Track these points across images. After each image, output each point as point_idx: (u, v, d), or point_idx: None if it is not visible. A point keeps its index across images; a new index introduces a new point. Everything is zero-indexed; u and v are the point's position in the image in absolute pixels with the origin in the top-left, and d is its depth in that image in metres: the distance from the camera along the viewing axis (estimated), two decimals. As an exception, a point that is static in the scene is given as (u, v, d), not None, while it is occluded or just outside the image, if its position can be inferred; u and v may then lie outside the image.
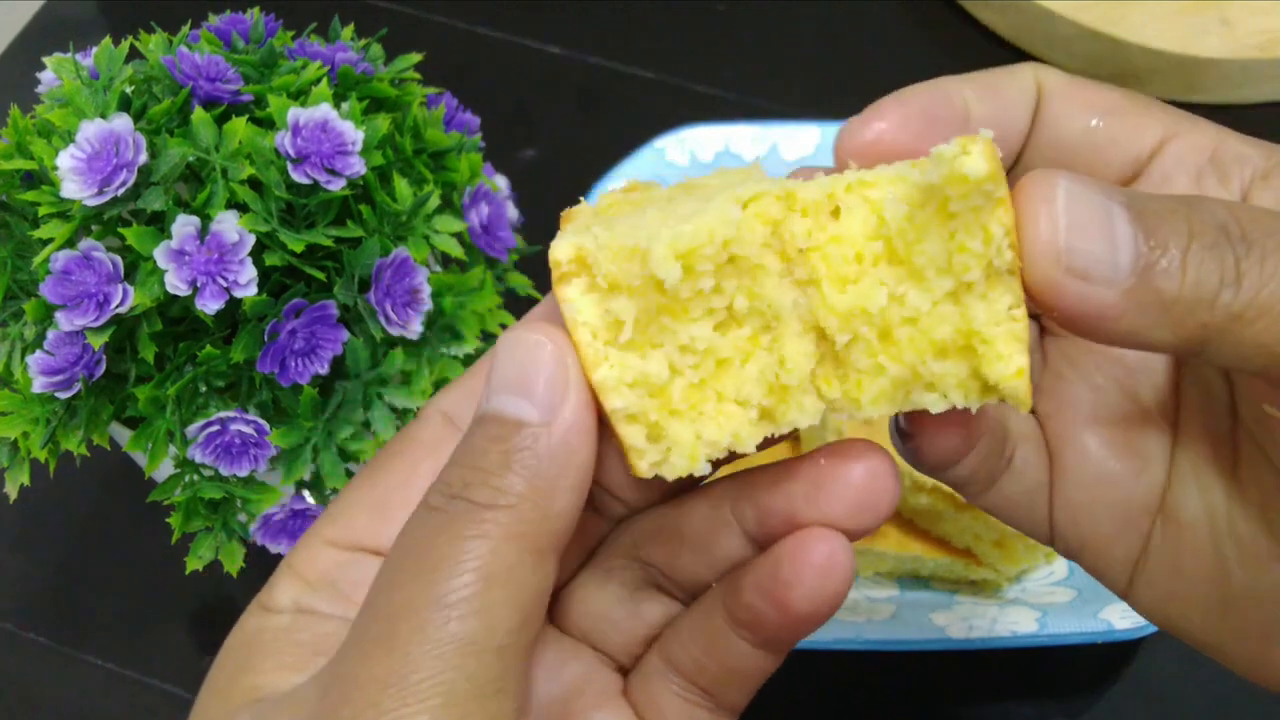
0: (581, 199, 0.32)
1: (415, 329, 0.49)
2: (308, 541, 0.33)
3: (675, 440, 0.29)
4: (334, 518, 0.33)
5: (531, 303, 0.42)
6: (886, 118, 0.31)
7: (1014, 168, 0.32)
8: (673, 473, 0.29)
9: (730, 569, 0.33)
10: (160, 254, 0.45)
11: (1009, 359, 0.28)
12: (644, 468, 0.29)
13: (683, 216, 0.28)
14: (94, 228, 0.46)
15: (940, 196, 0.27)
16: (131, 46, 0.50)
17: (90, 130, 0.45)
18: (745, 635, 0.32)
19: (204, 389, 0.48)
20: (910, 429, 0.32)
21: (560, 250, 0.29)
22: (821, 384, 0.30)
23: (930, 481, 0.58)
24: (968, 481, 0.34)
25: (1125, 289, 0.26)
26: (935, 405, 0.29)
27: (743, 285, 0.29)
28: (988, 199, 0.27)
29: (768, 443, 0.31)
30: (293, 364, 0.47)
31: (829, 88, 0.82)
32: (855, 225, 0.28)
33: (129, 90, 0.49)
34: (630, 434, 0.29)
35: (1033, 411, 0.34)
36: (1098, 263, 0.26)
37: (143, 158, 0.45)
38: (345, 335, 0.47)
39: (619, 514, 0.34)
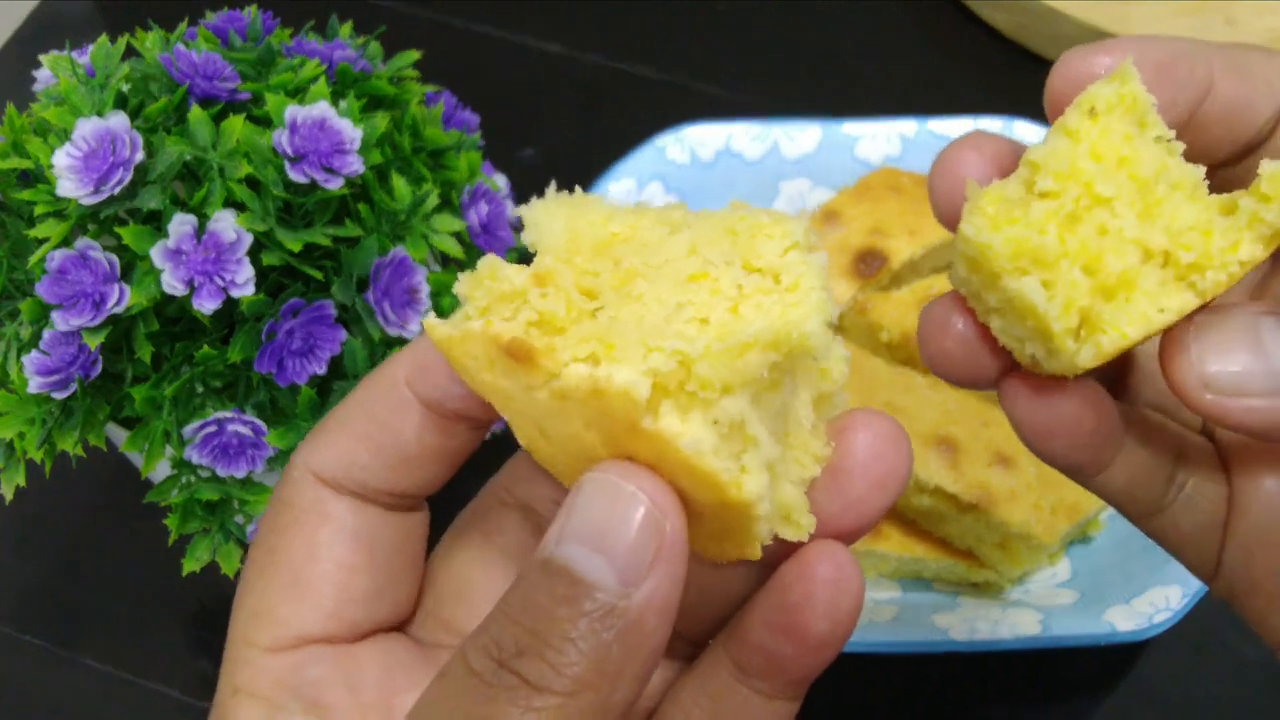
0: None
1: (414, 329, 0.48)
2: (242, 655, 0.30)
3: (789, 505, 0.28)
4: (254, 617, 0.30)
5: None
6: (1114, 55, 0.29)
7: (1258, 151, 0.31)
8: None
9: (736, 606, 0.30)
10: (157, 253, 0.44)
11: (1127, 323, 0.27)
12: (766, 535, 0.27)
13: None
14: (90, 227, 0.46)
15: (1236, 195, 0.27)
16: (128, 44, 0.50)
17: (86, 128, 0.45)
18: (758, 685, 0.29)
19: (201, 389, 0.47)
20: (1015, 389, 0.31)
21: (638, 389, 0.25)
22: (988, 200, 0.28)
23: (933, 482, 0.58)
24: (1127, 497, 0.32)
25: None
26: (1032, 293, 0.27)
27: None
28: (1276, 218, 0.27)
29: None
30: (290, 364, 0.46)
31: (829, 87, 0.82)
32: (1143, 147, 0.28)
33: (125, 88, 0.48)
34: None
35: (1213, 440, 0.34)
36: (1248, 378, 0.26)
37: (139, 156, 0.45)
38: (343, 335, 0.47)
39: None
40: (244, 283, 0.45)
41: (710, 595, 0.31)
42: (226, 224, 0.45)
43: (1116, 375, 0.34)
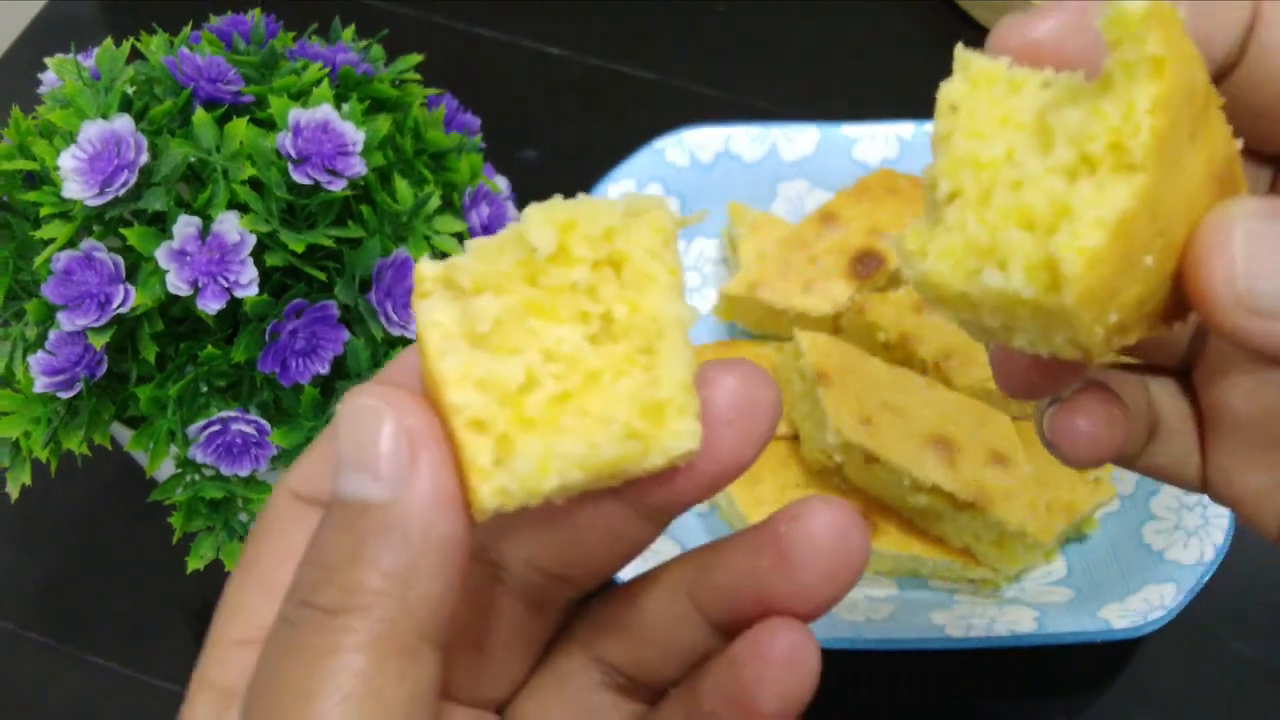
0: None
1: (415, 329, 0.49)
2: (213, 651, 0.30)
3: (522, 454, 0.25)
4: (228, 616, 0.30)
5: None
6: (1055, 18, 0.28)
7: (1221, 85, 0.29)
8: (516, 498, 0.25)
9: (696, 662, 0.30)
10: (161, 254, 0.45)
11: (1080, 235, 0.24)
12: (487, 494, 0.25)
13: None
14: (95, 228, 0.46)
15: (1109, 73, 0.25)
16: (133, 47, 0.50)
17: (92, 131, 0.45)
18: None
19: (205, 389, 0.48)
20: (1057, 427, 0.32)
21: (426, 267, 0.26)
22: (908, 239, 0.27)
23: (930, 481, 0.58)
24: (1123, 455, 0.33)
25: None
26: (992, 281, 0.25)
27: (625, 294, 0.26)
28: (1139, 50, 0.24)
29: (666, 486, 0.26)
30: (294, 364, 0.47)
31: (829, 88, 0.82)
32: (1023, 99, 0.26)
33: (130, 91, 0.49)
34: (474, 446, 0.25)
35: (1189, 376, 0.34)
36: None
37: (144, 158, 0.45)
38: (346, 335, 0.48)
39: (562, 601, 0.31)
40: (248, 283, 0.45)
41: (670, 652, 0.30)
42: (230, 225, 0.45)
43: None
